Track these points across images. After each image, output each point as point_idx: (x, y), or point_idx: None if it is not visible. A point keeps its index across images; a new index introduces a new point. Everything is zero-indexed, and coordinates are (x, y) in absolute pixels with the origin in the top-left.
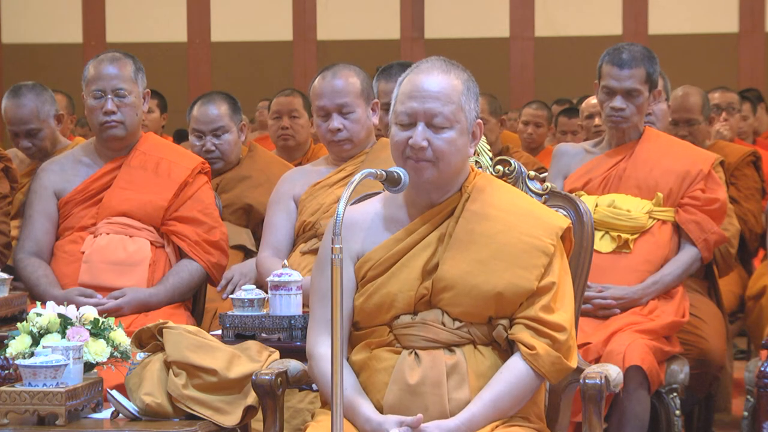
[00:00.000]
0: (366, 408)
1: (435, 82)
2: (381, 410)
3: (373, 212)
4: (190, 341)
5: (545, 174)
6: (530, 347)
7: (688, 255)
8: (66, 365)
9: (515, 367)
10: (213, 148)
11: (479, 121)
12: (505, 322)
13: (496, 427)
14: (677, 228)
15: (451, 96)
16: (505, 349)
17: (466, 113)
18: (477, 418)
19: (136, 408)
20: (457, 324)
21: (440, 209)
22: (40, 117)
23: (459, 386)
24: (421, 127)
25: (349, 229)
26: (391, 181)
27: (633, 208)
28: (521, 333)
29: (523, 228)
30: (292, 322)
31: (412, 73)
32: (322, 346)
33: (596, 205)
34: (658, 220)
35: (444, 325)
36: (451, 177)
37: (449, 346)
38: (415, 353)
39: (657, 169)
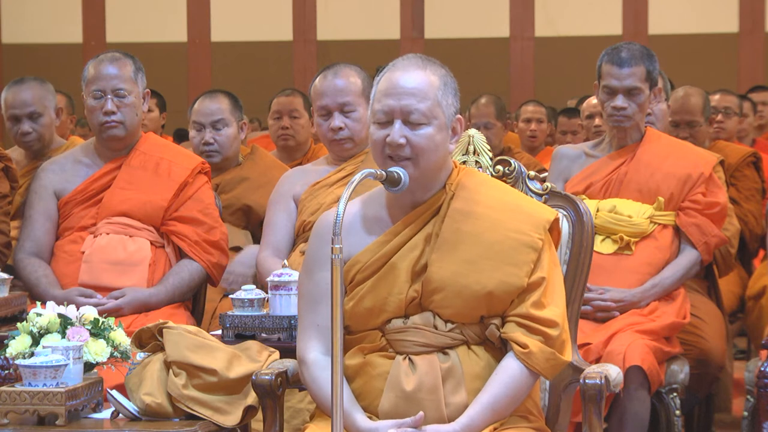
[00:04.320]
0: (358, 418)
1: (411, 78)
2: (377, 417)
3: (356, 214)
4: (190, 341)
5: (545, 174)
6: (523, 345)
7: (688, 258)
8: (66, 365)
9: (510, 367)
10: (212, 140)
11: (459, 116)
12: (497, 320)
13: (495, 429)
14: (678, 231)
15: (427, 92)
16: (499, 347)
17: (444, 108)
18: (475, 422)
19: (136, 408)
20: (449, 326)
21: (425, 209)
22: (43, 102)
23: (455, 390)
24: (398, 124)
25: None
26: (391, 181)
27: (634, 213)
28: (513, 332)
29: (509, 224)
30: (292, 322)
31: (388, 71)
32: (312, 352)
33: (597, 210)
34: (660, 224)
35: (436, 329)
36: (433, 174)
37: (443, 349)
38: (410, 359)
39: (658, 173)
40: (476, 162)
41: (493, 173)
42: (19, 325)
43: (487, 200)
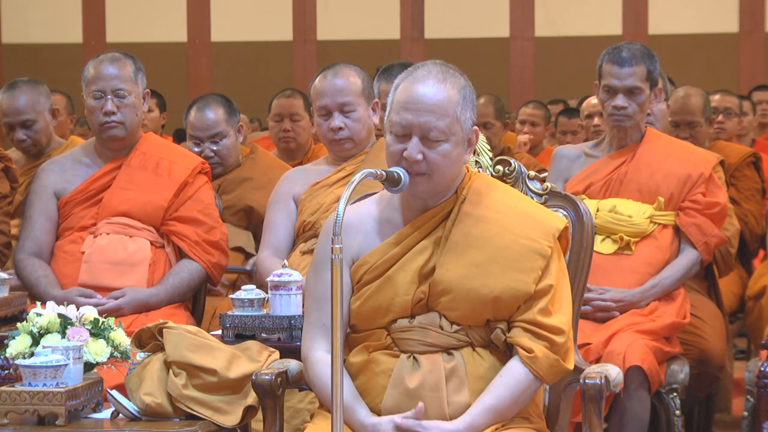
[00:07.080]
0: (362, 413)
1: (431, 93)
2: (379, 413)
3: (368, 214)
4: (190, 341)
5: (545, 174)
6: (528, 350)
7: (687, 258)
8: (66, 365)
9: (514, 370)
10: (212, 154)
11: (475, 128)
12: (502, 325)
13: (497, 429)
14: (678, 231)
15: (447, 109)
16: (504, 351)
17: (462, 123)
18: (477, 422)
19: (136, 408)
20: (455, 327)
21: (436, 212)
22: (36, 108)
23: (458, 390)
24: (415, 140)
25: (345, 232)
26: (391, 181)
27: (634, 213)
28: (519, 336)
29: (519, 230)
30: (292, 322)
31: (407, 81)
32: (317, 350)
33: (597, 210)
34: (660, 224)
35: (442, 329)
36: (447, 183)
37: (447, 350)
38: (414, 357)
39: (658, 172)
40: (476, 162)
41: (493, 173)
42: (19, 325)
43: (497, 205)
